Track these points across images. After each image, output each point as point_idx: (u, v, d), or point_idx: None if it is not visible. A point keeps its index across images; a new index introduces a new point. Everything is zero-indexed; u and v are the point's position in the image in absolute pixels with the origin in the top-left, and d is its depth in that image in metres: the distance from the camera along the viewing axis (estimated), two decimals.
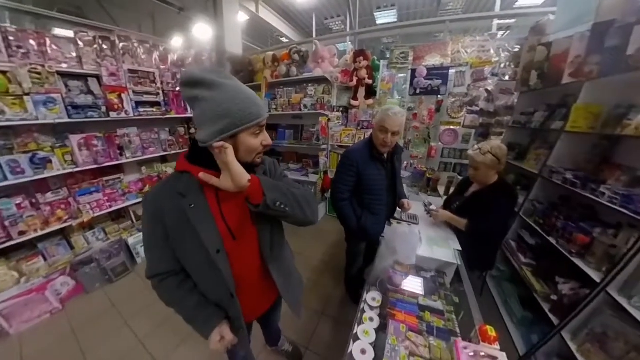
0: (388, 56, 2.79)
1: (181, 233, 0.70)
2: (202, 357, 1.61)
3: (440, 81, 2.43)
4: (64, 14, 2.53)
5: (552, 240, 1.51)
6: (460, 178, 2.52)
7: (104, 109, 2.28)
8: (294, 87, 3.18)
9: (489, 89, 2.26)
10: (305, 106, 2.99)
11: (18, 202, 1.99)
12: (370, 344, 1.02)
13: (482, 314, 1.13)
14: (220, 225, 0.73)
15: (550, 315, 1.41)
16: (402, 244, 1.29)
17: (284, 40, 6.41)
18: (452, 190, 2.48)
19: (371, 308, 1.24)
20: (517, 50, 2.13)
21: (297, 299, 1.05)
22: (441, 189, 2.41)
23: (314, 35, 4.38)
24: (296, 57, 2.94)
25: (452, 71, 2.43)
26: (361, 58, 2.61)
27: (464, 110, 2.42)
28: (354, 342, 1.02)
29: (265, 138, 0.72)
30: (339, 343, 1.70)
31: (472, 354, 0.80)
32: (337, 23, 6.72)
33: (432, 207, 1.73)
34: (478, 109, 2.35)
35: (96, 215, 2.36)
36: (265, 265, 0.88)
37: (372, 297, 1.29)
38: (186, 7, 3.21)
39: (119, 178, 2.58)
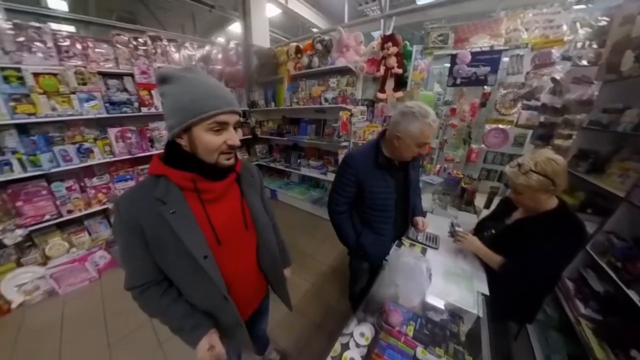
0: (424, 41, 2.38)
1: (163, 242, 0.67)
2: None
3: (488, 68, 1.94)
4: (121, 21, 2.81)
5: (633, 295, 1.06)
6: (506, 189, 2.04)
7: (136, 104, 2.48)
8: (316, 80, 3.00)
9: (557, 77, 1.71)
10: (326, 99, 2.79)
11: (69, 185, 2.31)
12: None
13: None
14: (206, 231, 0.71)
15: None
16: (405, 280, 1.04)
17: (315, 31, 6.20)
18: (492, 205, 2.03)
19: (357, 345, 1.05)
20: (603, 23, 1.55)
21: (286, 293, 1.08)
22: (479, 203, 1.98)
23: (346, 21, 4.07)
24: (319, 46, 2.73)
25: (505, 56, 1.92)
26: (390, 44, 2.26)
27: (519, 105, 1.91)
28: None
29: (231, 137, 0.66)
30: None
31: None
32: (372, 9, 6.10)
33: (460, 229, 1.37)
34: (539, 103, 1.81)
35: None
36: (255, 265, 0.91)
37: (360, 332, 1.09)
38: (217, 4, 3.27)
39: None
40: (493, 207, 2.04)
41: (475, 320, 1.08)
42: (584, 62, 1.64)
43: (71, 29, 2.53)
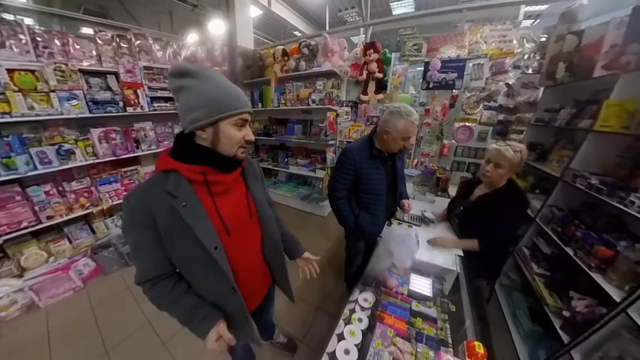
0: (401, 49, 2.65)
1: (176, 234, 0.69)
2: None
3: (455, 74, 2.26)
4: (89, 15, 2.68)
5: (570, 252, 1.37)
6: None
7: (121, 104, 2.42)
8: (303, 82, 3.15)
9: (510, 82, 2.06)
10: (314, 101, 2.95)
11: (47, 189, 2.18)
12: (356, 345, 1.00)
13: (488, 322, 1.06)
14: (216, 222, 0.73)
15: (561, 333, 1.29)
16: (398, 246, 1.24)
17: (297, 34, 6.33)
18: None
19: (362, 309, 1.22)
20: (543, 39, 1.92)
21: (288, 285, 1.11)
22: (452, 190, 2.28)
23: (327, 28, 4.28)
24: (305, 50, 2.89)
25: (469, 64, 2.25)
26: (371, 51, 2.50)
27: (481, 106, 2.25)
28: (338, 340, 1.01)
29: (248, 133, 0.73)
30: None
31: None
32: (351, 15, 6.46)
33: (430, 215, 1.63)
34: (496, 104, 2.16)
35: (115, 203, 2.53)
36: (260, 256, 0.93)
37: (364, 298, 1.26)
38: (200, 3, 3.27)
39: (136, 169, 2.74)
40: None
41: (455, 278, 1.32)
42: (530, 71, 2.00)
43: (29, 21, 2.34)
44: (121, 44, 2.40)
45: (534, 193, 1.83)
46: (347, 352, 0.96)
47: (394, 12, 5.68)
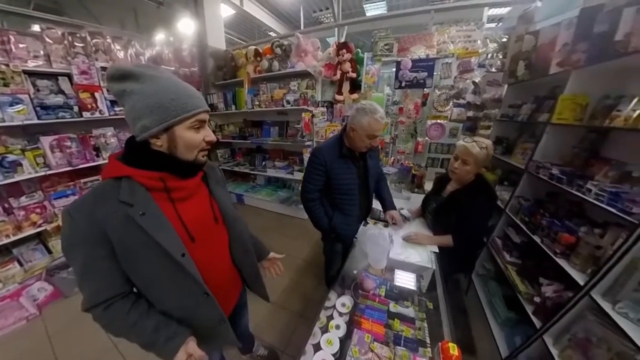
0: (373, 49, 2.69)
1: (134, 246, 0.63)
2: None
3: (425, 73, 2.32)
4: (41, 11, 2.43)
5: (537, 239, 1.44)
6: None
7: (76, 108, 2.21)
8: (277, 83, 3.08)
9: (476, 80, 2.15)
10: (289, 102, 2.90)
11: None
12: (333, 354, 0.96)
13: (467, 312, 1.06)
14: (179, 229, 0.69)
15: (533, 318, 1.34)
16: (372, 246, 1.22)
17: (272, 34, 6.25)
18: None
19: (340, 314, 1.18)
20: (505, 40, 2.03)
21: (262, 285, 1.09)
22: (428, 186, 2.33)
23: (302, 29, 4.26)
24: (278, 51, 2.84)
25: (437, 63, 2.33)
26: (344, 51, 2.50)
27: (451, 104, 2.33)
28: (315, 351, 0.97)
29: (208, 134, 0.69)
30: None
31: None
32: (326, 16, 6.52)
33: (406, 212, 1.65)
34: (465, 102, 2.25)
35: None
36: (228, 260, 0.91)
37: (342, 303, 1.23)
38: (166, 0, 3.09)
39: (97, 180, 2.51)
40: None
41: (431, 275, 1.33)
42: (494, 69, 2.10)
43: None
44: (74, 43, 2.19)
45: (502, 185, 1.91)
46: None
47: (367, 14, 5.82)
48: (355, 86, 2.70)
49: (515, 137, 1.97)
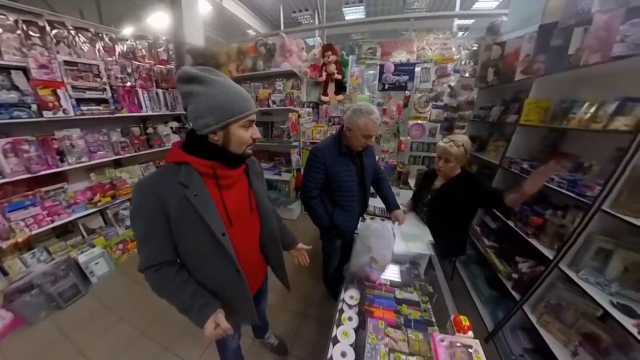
0: (357, 52, 2.80)
1: (186, 221, 0.74)
2: None
3: (407, 77, 2.49)
4: None
5: (511, 224, 1.65)
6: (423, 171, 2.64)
7: (34, 107, 1.94)
8: (261, 82, 3.04)
9: (452, 84, 2.38)
10: (274, 102, 2.88)
11: None
12: (350, 345, 1.01)
13: (453, 295, 1.19)
14: (221, 212, 0.78)
15: (513, 292, 1.54)
16: (377, 241, 1.29)
17: (252, 32, 6.08)
18: None
19: (349, 307, 1.23)
20: (475, 48, 2.26)
21: (285, 274, 1.18)
22: (412, 182, 2.50)
23: (282, 29, 4.23)
24: (262, 50, 2.80)
25: (417, 67, 2.51)
26: (329, 52, 2.57)
27: (430, 105, 2.53)
28: (333, 345, 1.01)
29: (255, 132, 0.80)
30: (322, 343, 1.68)
31: (447, 344, 0.82)
32: (305, 17, 6.58)
33: (403, 207, 1.75)
34: (442, 104, 2.47)
35: (34, 232, 2.02)
36: (257, 247, 1.00)
37: (349, 296, 1.28)
38: None
39: (62, 188, 2.24)
40: None
41: (427, 262, 1.45)
42: (467, 75, 2.33)
43: None
44: (30, 33, 1.93)
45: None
46: (344, 354, 0.96)
47: (346, 17, 5.98)
48: (341, 88, 2.78)
49: (487, 135, 2.22)
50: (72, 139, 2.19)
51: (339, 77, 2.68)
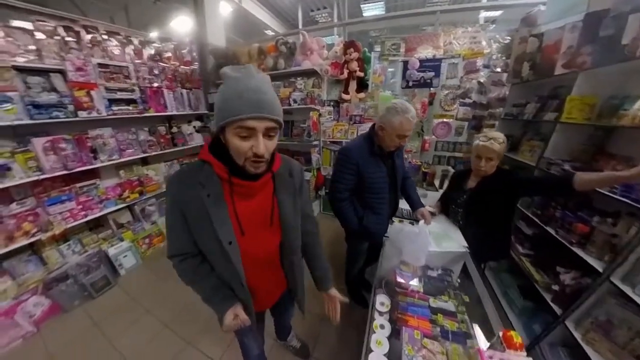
0: (378, 49, 2.72)
1: (198, 220, 0.72)
2: None
3: (432, 73, 2.39)
4: (21, 2, 2.22)
5: (551, 231, 1.52)
6: (454, 171, 2.52)
7: (71, 107, 2.05)
8: (282, 81, 3.04)
9: (481, 80, 2.25)
10: (295, 101, 2.87)
11: None
12: (385, 355, 0.97)
13: (482, 304, 1.11)
14: (233, 220, 0.74)
15: (553, 305, 1.42)
16: (411, 244, 1.23)
17: (269, 32, 6.14)
18: (446, 183, 2.48)
19: (380, 314, 1.19)
20: (508, 41, 2.12)
21: (301, 298, 1.07)
22: (436, 182, 2.40)
23: (300, 27, 4.22)
24: (283, 48, 2.79)
25: (444, 63, 2.40)
26: (352, 50, 2.51)
27: (457, 103, 2.41)
28: (367, 353, 0.97)
29: (257, 145, 0.61)
30: (344, 346, 1.65)
31: None
32: (323, 15, 6.54)
33: (430, 208, 1.67)
34: (471, 101, 2.34)
35: (70, 225, 2.14)
36: (276, 261, 0.92)
37: (380, 302, 1.24)
38: None
39: (94, 184, 2.35)
40: (445, 186, 2.49)
41: (461, 268, 1.37)
42: (498, 70, 2.19)
43: None
44: (67, 38, 2.04)
45: None
46: None
47: (364, 14, 5.89)
48: (362, 85, 2.72)
49: (520, 134, 2.08)
50: (104, 137, 2.30)
51: (361, 74, 2.63)
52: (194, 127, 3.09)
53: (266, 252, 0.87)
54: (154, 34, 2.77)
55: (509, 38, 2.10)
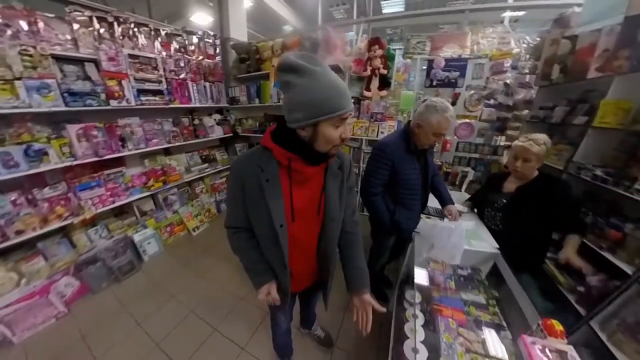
0: (396, 47, 2.71)
1: (255, 201, 0.79)
2: (223, 359, 1.57)
3: (457, 73, 2.38)
4: None
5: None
6: (473, 172, 2.53)
7: (103, 96, 2.11)
8: None
9: (508, 82, 2.23)
10: None
11: (13, 198, 1.83)
12: (421, 341, 1.00)
13: (501, 305, 1.13)
14: (286, 205, 0.79)
15: (577, 306, 1.44)
16: (445, 241, 1.26)
17: (288, 28, 6.13)
18: (465, 184, 2.49)
19: (411, 304, 1.22)
20: (537, 42, 2.10)
21: (326, 291, 1.10)
22: (457, 182, 2.41)
23: (319, 23, 4.21)
24: (307, 44, 2.80)
25: (470, 63, 2.39)
26: (376, 47, 2.50)
27: (482, 104, 2.40)
28: (398, 341, 1.01)
29: (345, 131, 0.73)
30: (366, 338, 1.69)
31: (540, 348, 0.79)
32: (340, 11, 6.49)
33: (460, 206, 1.68)
34: (496, 102, 2.33)
35: (99, 211, 2.21)
36: (314, 250, 0.96)
37: (410, 295, 1.27)
38: None
39: (121, 171, 2.42)
40: (464, 187, 2.50)
41: (490, 269, 1.39)
42: (526, 71, 2.18)
43: None
44: (100, 28, 2.08)
45: None
46: (415, 350, 0.96)
47: (383, 11, 5.84)
48: (385, 83, 2.71)
49: None
50: (132, 126, 2.35)
51: (384, 72, 2.62)
52: (215, 119, 3.13)
53: (309, 240, 0.92)
54: (180, 27, 2.79)
55: (539, 39, 2.08)
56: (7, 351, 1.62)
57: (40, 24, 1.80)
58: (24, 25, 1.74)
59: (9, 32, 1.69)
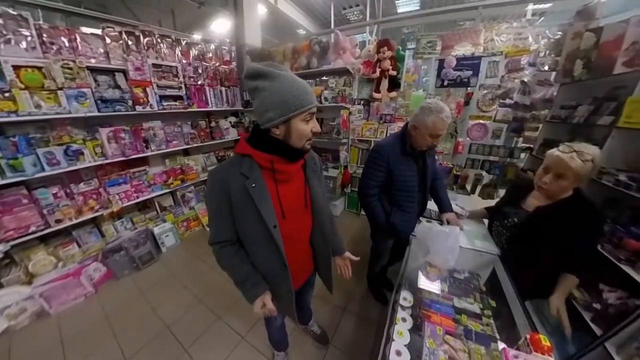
0: (411, 46, 2.66)
1: (243, 209, 0.80)
2: (224, 344, 1.67)
3: (470, 72, 2.28)
4: (93, 11, 2.58)
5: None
6: (487, 176, 2.39)
7: (130, 102, 2.34)
8: (314, 80, 3.11)
9: (525, 80, 2.09)
10: (326, 99, 2.93)
11: (54, 191, 2.10)
12: (405, 345, 0.99)
13: (511, 321, 1.07)
14: (275, 205, 0.82)
15: (593, 325, 1.32)
16: (439, 245, 1.23)
17: (301, 32, 6.26)
18: (479, 188, 2.37)
19: (403, 308, 1.21)
20: (558, 37, 1.95)
21: (330, 276, 1.16)
22: (467, 187, 2.31)
23: (332, 26, 4.25)
24: (317, 48, 2.86)
25: (483, 61, 2.27)
26: (385, 48, 2.49)
27: (496, 104, 2.28)
28: (387, 343, 1.00)
29: (315, 125, 0.79)
30: (362, 338, 1.69)
31: None
32: (355, 13, 6.48)
33: (459, 209, 1.63)
34: (512, 102, 2.19)
35: (125, 205, 2.46)
36: (307, 243, 1.01)
37: (403, 297, 1.25)
38: (207, 1, 3.19)
39: (144, 170, 2.66)
40: (477, 191, 2.38)
41: (489, 274, 1.33)
42: (545, 68, 2.03)
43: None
44: (128, 41, 2.32)
45: None
46: (398, 353, 0.95)
47: (398, 10, 5.73)
48: (394, 84, 2.68)
49: (568, 140, 1.89)
50: (155, 129, 2.58)
51: (394, 73, 2.60)
52: (230, 122, 3.31)
53: (301, 234, 0.98)
54: (198, 36, 3.01)
55: (560, 33, 1.92)
56: (45, 320, 1.91)
57: (78, 40, 2.06)
58: (65, 41, 2.00)
59: (54, 48, 1.96)
